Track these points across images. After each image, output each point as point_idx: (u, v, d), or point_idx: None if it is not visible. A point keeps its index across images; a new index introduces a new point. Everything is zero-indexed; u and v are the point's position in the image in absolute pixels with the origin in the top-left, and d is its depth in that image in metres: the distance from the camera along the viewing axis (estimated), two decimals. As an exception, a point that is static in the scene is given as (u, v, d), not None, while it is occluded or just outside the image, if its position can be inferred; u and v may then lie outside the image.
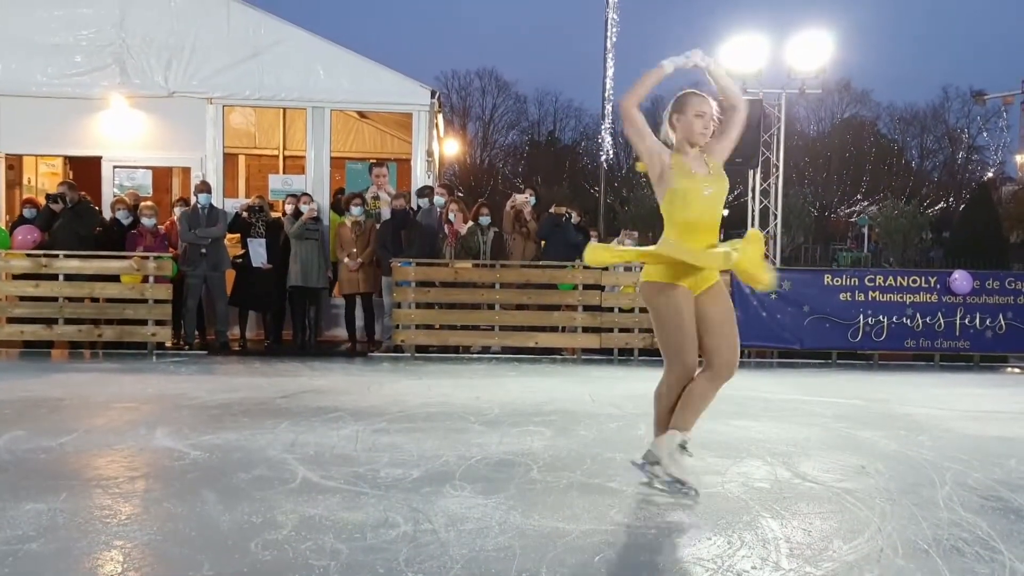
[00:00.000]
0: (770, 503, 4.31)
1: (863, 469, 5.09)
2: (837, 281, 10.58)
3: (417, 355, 10.25)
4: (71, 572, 3.28)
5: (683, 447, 4.44)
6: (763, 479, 4.81)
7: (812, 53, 12.05)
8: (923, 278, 10.64)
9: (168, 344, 10.19)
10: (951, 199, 50.16)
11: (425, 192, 11.23)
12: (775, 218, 12.73)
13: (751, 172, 12.71)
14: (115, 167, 12.04)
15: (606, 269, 10.78)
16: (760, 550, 3.62)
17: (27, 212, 10.55)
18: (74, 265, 9.89)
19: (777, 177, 12.67)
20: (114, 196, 11.52)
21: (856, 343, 10.50)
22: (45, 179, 13.74)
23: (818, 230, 45.30)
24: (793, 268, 12.19)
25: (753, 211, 12.76)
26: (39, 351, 10.10)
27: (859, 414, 7.10)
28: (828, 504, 4.33)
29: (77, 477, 4.62)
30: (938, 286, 10.53)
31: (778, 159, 12.63)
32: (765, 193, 12.78)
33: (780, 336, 10.45)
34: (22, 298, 9.89)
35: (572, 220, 11.24)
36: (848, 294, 10.48)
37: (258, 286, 10.62)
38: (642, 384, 8.51)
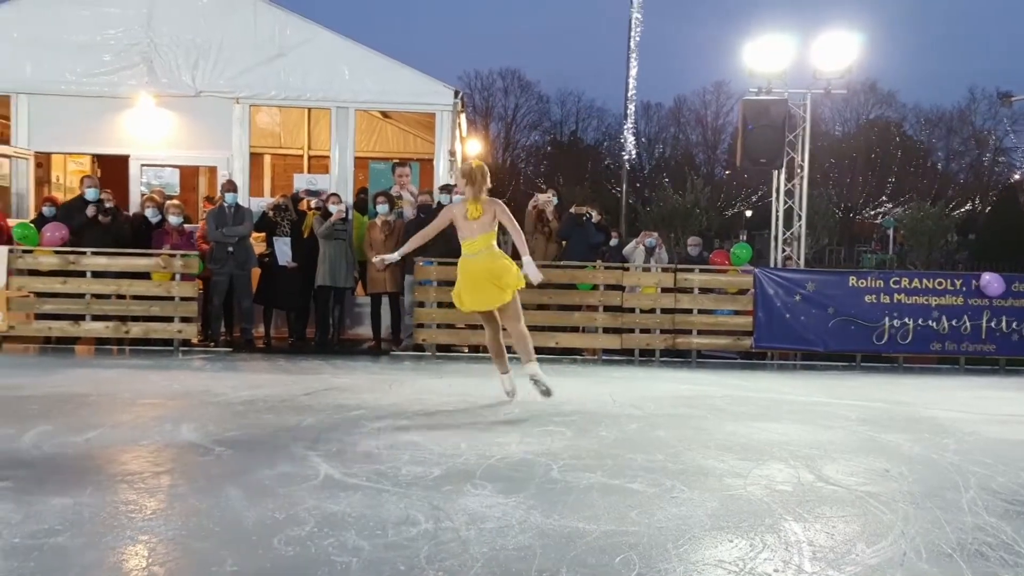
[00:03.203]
0: (793, 506, 4.29)
1: (887, 472, 5.06)
2: (862, 283, 10.50)
3: (439, 354, 10.28)
4: (97, 566, 3.32)
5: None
6: (786, 482, 4.79)
7: (838, 53, 11.95)
8: (949, 280, 10.54)
9: (194, 341, 10.27)
10: (977, 201, 49.64)
11: (448, 189, 11.26)
12: (799, 219, 12.65)
13: (775, 173, 12.63)
14: (143, 165, 12.16)
15: (626, 269, 10.76)
16: (783, 553, 3.61)
17: (46, 210, 10.66)
18: (101, 262, 9.99)
19: (802, 178, 12.59)
20: (142, 195, 11.64)
21: (881, 346, 10.42)
22: (74, 177, 13.89)
23: (843, 232, 44.99)
24: (817, 270, 12.10)
25: (777, 212, 12.68)
26: (66, 347, 10.22)
27: (883, 417, 7.05)
28: (851, 507, 4.31)
29: (103, 472, 4.68)
30: (964, 289, 10.42)
31: (803, 160, 12.55)
32: (790, 194, 12.70)
33: (804, 338, 10.38)
34: (50, 294, 10.00)
35: (593, 220, 11.22)
36: (873, 296, 10.40)
37: (283, 285, 10.68)
38: (663, 385, 8.52)
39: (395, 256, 7.51)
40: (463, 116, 14.08)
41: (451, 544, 3.61)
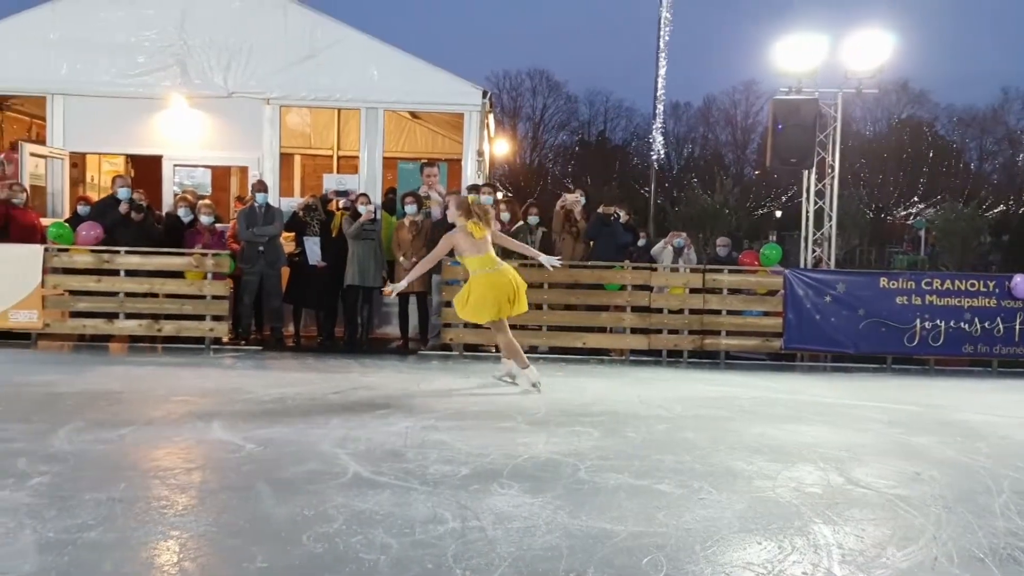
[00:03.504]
0: (822, 508, 4.26)
1: (918, 475, 5.01)
2: (893, 284, 10.39)
3: (466, 353, 10.30)
4: (129, 561, 3.37)
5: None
6: (815, 484, 4.76)
7: (869, 53, 11.84)
8: (982, 282, 10.40)
9: (225, 339, 10.37)
10: (1011, 202, 48.90)
11: (476, 189, 11.29)
12: (830, 219, 12.55)
13: (806, 173, 12.54)
14: (175, 166, 12.30)
15: (654, 270, 10.73)
16: (811, 556, 3.59)
17: (81, 209, 10.83)
18: (135, 261, 10.12)
19: (832, 178, 12.49)
20: (174, 195, 11.77)
21: (912, 348, 10.30)
22: (108, 177, 14.09)
23: (874, 232, 44.46)
24: (848, 271, 11.99)
25: (807, 212, 12.59)
26: (100, 345, 10.36)
27: (914, 420, 6.98)
28: (881, 511, 4.27)
29: (135, 468, 4.74)
30: (997, 290, 10.28)
31: (834, 160, 12.45)
32: (820, 194, 12.60)
33: (834, 340, 10.29)
34: (84, 293, 10.14)
35: (621, 220, 11.20)
36: (904, 298, 10.29)
37: (312, 284, 10.76)
38: (691, 386, 8.48)
39: (402, 285, 8.14)
40: (491, 116, 14.10)
41: (478, 543, 3.63)
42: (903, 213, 49.14)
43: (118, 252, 10.08)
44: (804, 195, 12.69)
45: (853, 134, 43.85)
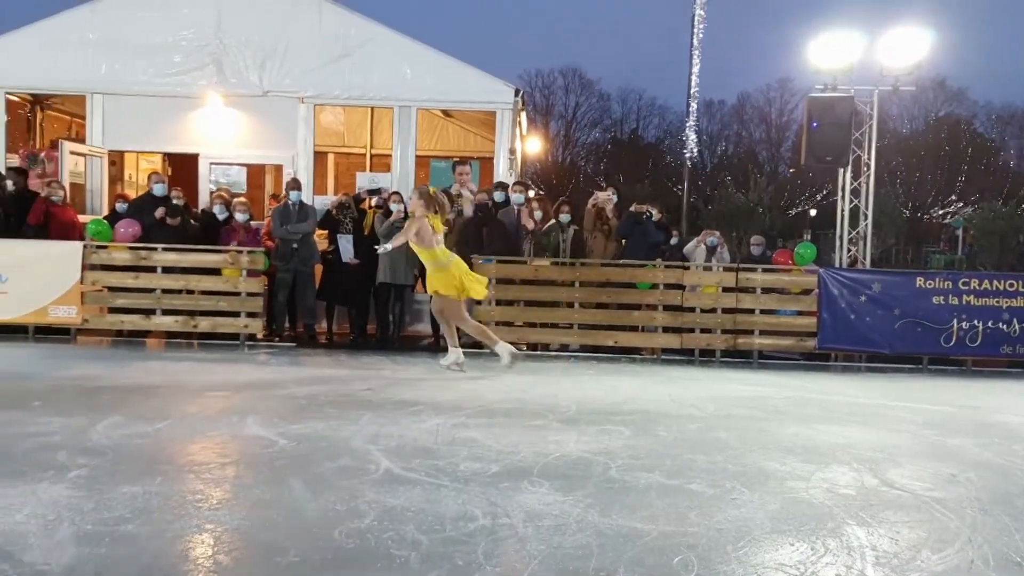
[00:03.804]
0: (856, 510, 4.22)
1: (954, 478, 4.95)
2: (930, 284, 10.25)
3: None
4: (164, 553, 3.42)
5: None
6: (849, 485, 4.71)
7: (906, 50, 11.68)
8: (1020, 282, 10.22)
9: (259, 336, 10.48)
10: (1052, 201, 47.99)
11: (500, 187, 11.31)
12: (866, 218, 12.40)
13: (841, 171, 12.40)
14: (211, 164, 12.44)
15: (687, 268, 10.67)
16: (845, 557, 3.56)
17: (119, 206, 11.00)
18: (171, 258, 10.25)
19: (868, 176, 12.34)
20: (210, 192, 11.91)
21: (949, 348, 10.16)
22: (145, 175, 14.27)
23: (910, 231, 43.89)
24: (884, 270, 11.85)
25: (843, 211, 12.45)
26: (137, 340, 10.50)
27: (950, 421, 6.89)
28: (916, 513, 4.22)
29: (171, 462, 4.81)
30: (1037, 291, 10.10)
31: (869, 158, 12.30)
32: (856, 192, 12.45)
33: (869, 340, 10.18)
34: (122, 289, 10.29)
35: (653, 218, 11.15)
36: (941, 297, 10.14)
37: (345, 281, 10.83)
38: (724, 386, 8.44)
39: (389, 246, 8.53)
40: (523, 114, 14.10)
41: (508, 541, 3.64)
42: (940, 212, 48.41)
43: (155, 249, 10.22)
44: (839, 193, 12.54)
45: (889, 132, 43.31)
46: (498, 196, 11.14)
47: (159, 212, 10.48)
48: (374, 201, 11.55)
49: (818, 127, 11.83)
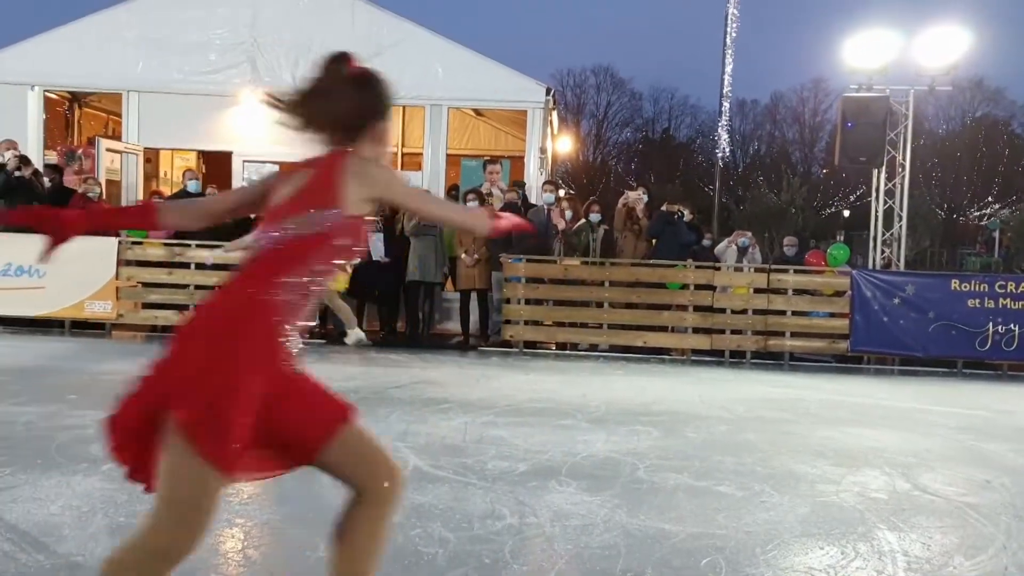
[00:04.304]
0: (887, 515, 4.18)
1: (988, 483, 4.88)
2: (965, 287, 10.11)
3: (525, 350, 10.33)
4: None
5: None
6: (880, 489, 4.66)
7: (943, 49, 11.53)
8: (1060, 286, 10.06)
9: (289, 332, 10.55)
10: (1091, 203, 47.11)
11: (517, 186, 11.29)
12: (900, 219, 12.26)
13: (875, 172, 12.26)
14: (245, 161, 12.56)
15: (718, 269, 10.61)
16: (875, 562, 3.52)
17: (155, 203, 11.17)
18: (205, 255, 10.37)
19: (903, 177, 12.19)
20: (242, 189, 12.01)
21: (984, 352, 10.01)
22: (180, 172, 14.44)
23: (945, 233, 43.35)
24: (918, 272, 11.71)
25: (876, 212, 12.31)
26: (169, 335, 10.61)
27: (985, 426, 6.79)
28: (949, 518, 4.17)
29: (203, 456, 4.85)
30: (1077, 295, 9.93)
31: (904, 158, 12.16)
32: (890, 193, 12.31)
33: (902, 343, 10.06)
34: (156, 285, 10.42)
35: (684, 218, 11.10)
36: (976, 300, 10.00)
37: (375, 279, 10.88)
38: (754, 387, 8.38)
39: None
40: (555, 113, 14.09)
41: (535, 540, 3.64)
42: (976, 213, 47.71)
43: (189, 246, 10.33)
44: (873, 194, 12.41)
45: (925, 132, 42.73)
46: (549, 199, 11.13)
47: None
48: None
49: (852, 127, 11.72)
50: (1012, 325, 9.91)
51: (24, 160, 10.33)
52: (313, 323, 10.44)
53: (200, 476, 2.15)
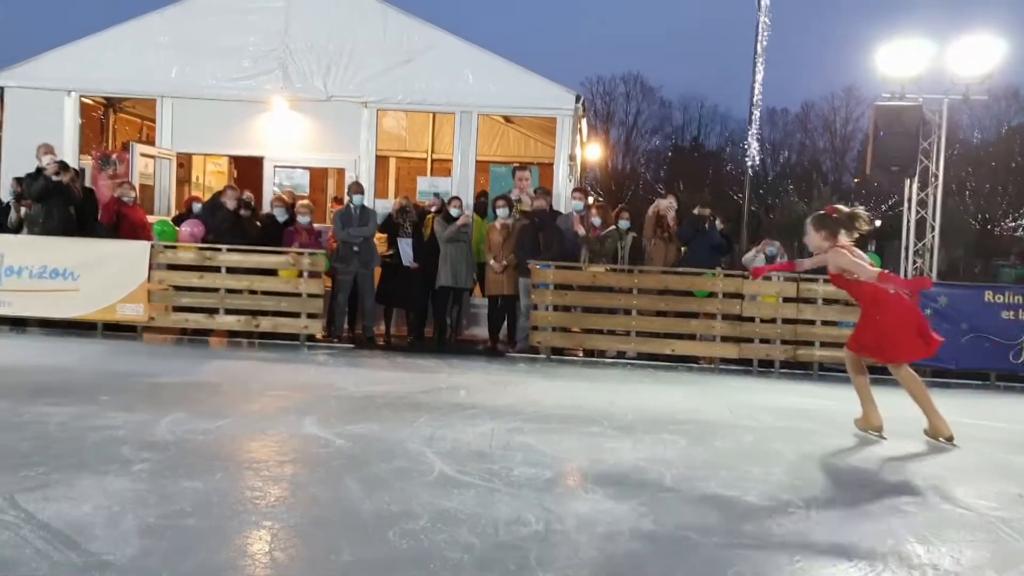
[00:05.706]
0: (917, 528, 4.13)
1: (1020, 497, 4.81)
2: (999, 298, 9.97)
3: (553, 357, 10.32)
4: (223, 548, 3.49)
5: None
6: (911, 502, 4.61)
7: (978, 58, 11.40)
8: (1096, 298, 9.89)
9: (319, 336, 10.63)
10: None
11: (539, 193, 11.28)
12: (932, 230, 12.12)
13: (907, 181, 12.14)
14: (275, 167, 12.67)
15: (747, 277, 10.54)
16: (904, 575, 3.48)
17: (195, 206, 11.33)
18: (235, 259, 10.46)
19: (936, 187, 12.06)
20: (274, 195, 12.13)
21: (1018, 365, 9.86)
22: (212, 177, 14.60)
23: (979, 244, 42.74)
24: (951, 283, 11.56)
25: (909, 222, 12.19)
26: (200, 338, 10.73)
27: (1018, 439, 6.69)
28: (980, 532, 4.11)
29: (231, 459, 4.90)
30: (1114, 307, 9.76)
31: (937, 168, 12.03)
32: (923, 203, 12.18)
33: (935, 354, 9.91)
34: (187, 288, 10.54)
35: (715, 223, 11.03)
36: (1011, 312, 9.86)
37: (403, 284, 10.93)
38: (782, 397, 8.31)
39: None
40: (584, 121, 14.09)
41: (561, 546, 3.63)
42: (1011, 224, 47.02)
43: (219, 250, 10.44)
44: (905, 204, 12.29)
45: (959, 142, 42.22)
46: (578, 206, 11.12)
47: (232, 203, 10.73)
48: (428, 203, 11.60)
49: (885, 136, 11.62)
50: (1047, 337, 9.75)
51: (63, 165, 10.49)
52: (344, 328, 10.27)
53: None
